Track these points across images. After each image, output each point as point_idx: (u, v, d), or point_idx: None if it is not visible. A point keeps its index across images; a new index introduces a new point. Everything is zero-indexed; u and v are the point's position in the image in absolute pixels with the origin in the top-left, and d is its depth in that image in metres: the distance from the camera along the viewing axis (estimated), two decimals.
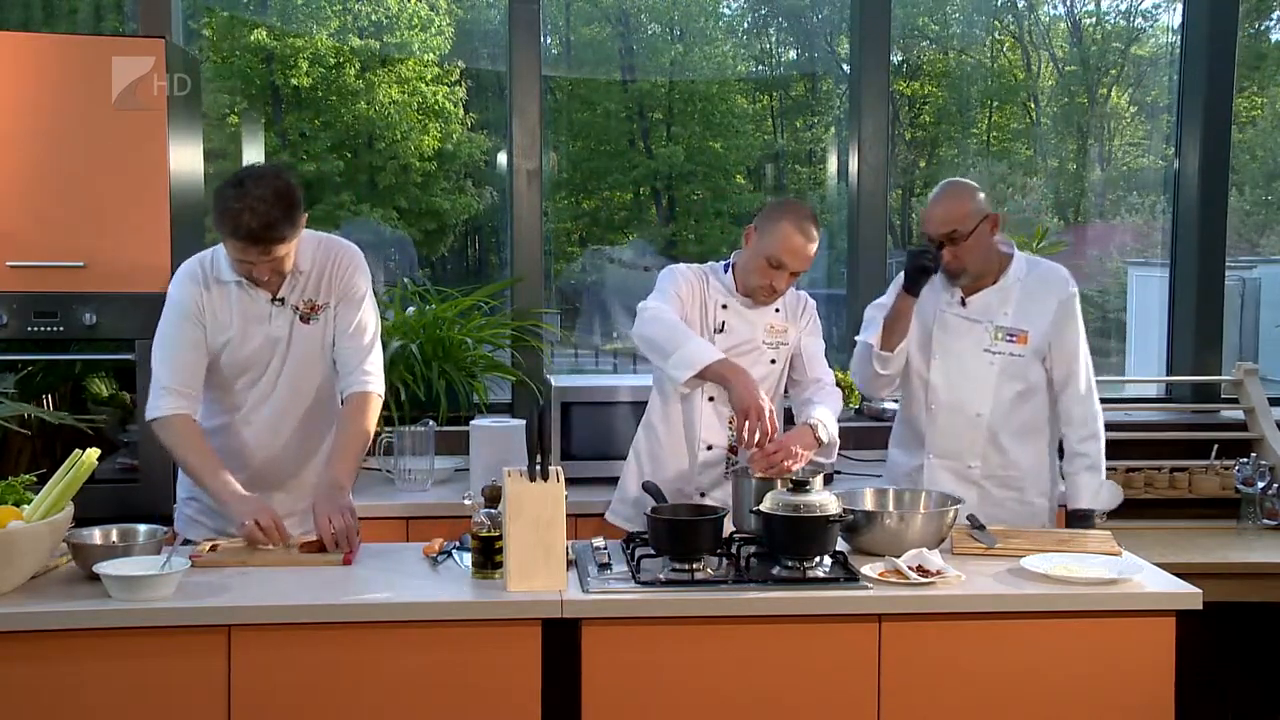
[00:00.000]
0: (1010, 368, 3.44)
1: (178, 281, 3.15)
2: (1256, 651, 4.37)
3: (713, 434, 3.36)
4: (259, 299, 3.15)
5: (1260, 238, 6.19)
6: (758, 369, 3.31)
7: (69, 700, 2.56)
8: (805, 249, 3.24)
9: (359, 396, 3.20)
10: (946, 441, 3.50)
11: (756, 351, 3.35)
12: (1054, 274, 3.49)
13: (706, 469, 3.37)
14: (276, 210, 2.93)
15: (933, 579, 2.78)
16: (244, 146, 5.55)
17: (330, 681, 2.63)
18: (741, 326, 3.36)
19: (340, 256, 3.23)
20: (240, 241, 2.95)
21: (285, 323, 3.18)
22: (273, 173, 2.99)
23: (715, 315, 3.36)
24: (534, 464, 2.76)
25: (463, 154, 6.31)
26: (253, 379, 3.20)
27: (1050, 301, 3.44)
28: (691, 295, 3.35)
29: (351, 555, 2.97)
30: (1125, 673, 2.77)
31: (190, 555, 2.90)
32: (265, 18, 6.02)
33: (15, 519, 2.61)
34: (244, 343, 3.15)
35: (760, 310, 3.37)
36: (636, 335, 3.25)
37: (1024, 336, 3.43)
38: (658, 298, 3.32)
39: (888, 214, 4.94)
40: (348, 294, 3.23)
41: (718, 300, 3.37)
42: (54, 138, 3.67)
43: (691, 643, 2.70)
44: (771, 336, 3.37)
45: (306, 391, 3.26)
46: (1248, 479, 4.26)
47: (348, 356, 3.23)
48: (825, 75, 6.41)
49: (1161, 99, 5.85)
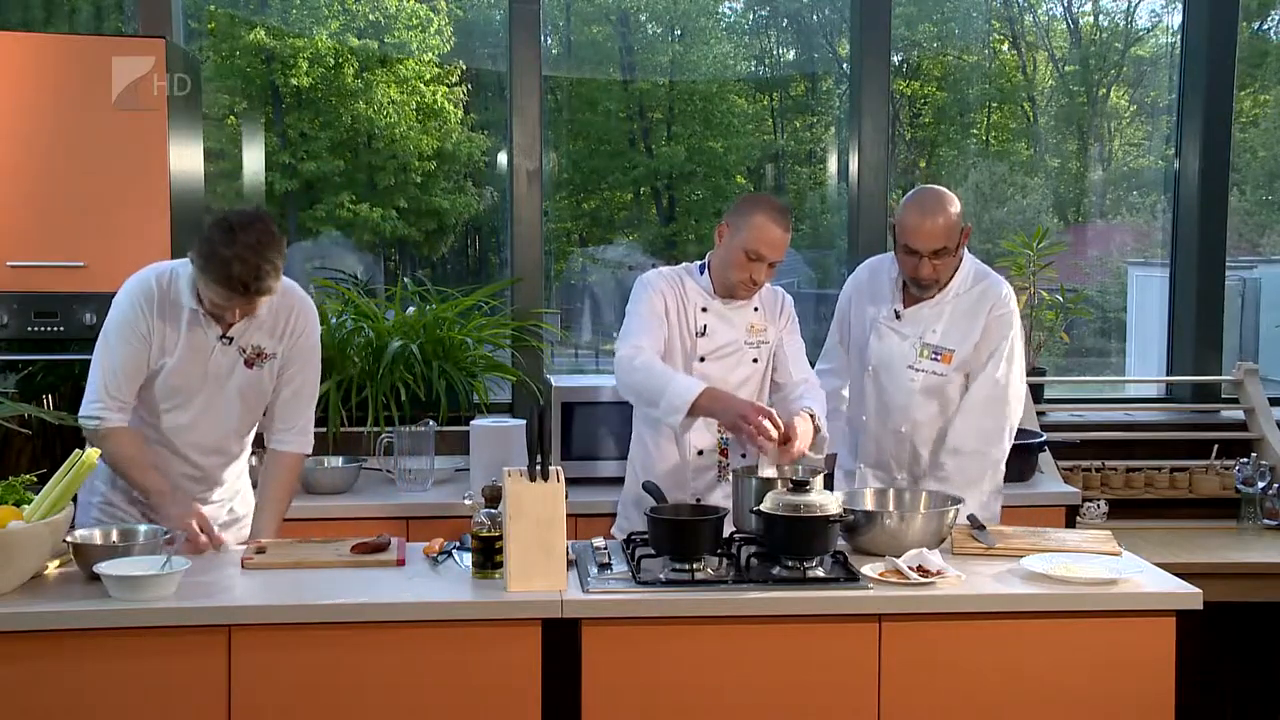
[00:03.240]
0: (931, 385, 3.42)
1: (130, 297, 3.07)
2: (1256, 651, 4.37)
3: (700, 438, 3.34)
4: (209, 333, 3.08)
5: (1261, 238, 6.19)
6: (741, 369, 3.32)
7: (69, 700, 2.56)
8: (782, 239, 3.23)
9: (295, 458, 3.26)
10: (875, 451, 3.50)
11: (740, 352, 3.33)
12: (990, 291, 3.42)
13: (700, 474, 3.35)
14: (266, 262, 2.89)
15: (933, 579, 2.78)
16: (244, 146, 5.55)
17: (330, 681, 2.63)
18: (723, 328, 3.34)
19: (297, 309, 3.19)
20: (226, 290, 2.90)
21: (228, 362, 3.13)
22: (260, 220, 2.93)
23: (695, 319, 3.33)
24: (534, 464, 2.76)
25: (463, 154, 6.31)
26: (178, 404, 3.13)
27: (980, 320, 3.39)
28: (668, 304, 3.32)
29: (404, 557, 2.97)
30: (1125, 673, 2.77)
31: (242, 558, 2.90)
32: (266, 17, 6.02)
33: (15, 519, 2.61)
34: (181, 370, 3.09)
35: (741, 310, 3.35)
36: (621, 389, 3.25)
37: (949, 356, 3.40)
38: (634, 331, 3.27)
39: (888, 214, 4.94)
40: (301, 350, 3.21)
41: (697, 304, 3.34)
42: (54, 138, 3.67)
43: (691, 643, 2.70)
44: (753, 336, 3.36)
45: (227, 427, 3.21)
46: (1248, 479, 4.27)
47: (290, 412, 3.23)
48: (825, 75, 6.41)
49: (1161, 99, 5.84)
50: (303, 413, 3.26)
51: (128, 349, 3.05)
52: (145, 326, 3.05)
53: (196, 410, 3.15)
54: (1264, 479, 4.26)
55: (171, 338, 3.07)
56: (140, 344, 3.05)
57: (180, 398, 3.13)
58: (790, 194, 6.35)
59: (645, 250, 6.38)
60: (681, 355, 3.31)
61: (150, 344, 3.06)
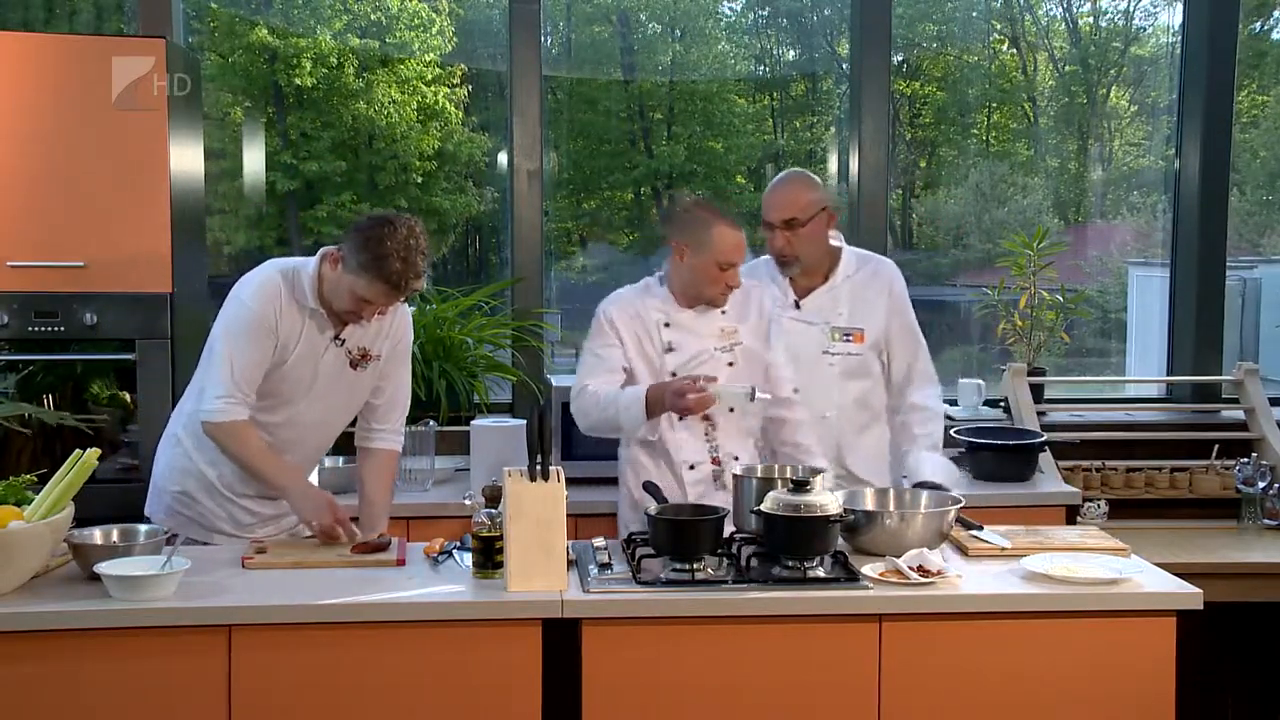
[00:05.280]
0: (850, 367, 3.50)
1: (260, 293, 3.11)
2: (1256, 651, 4.37)
3: (692, 452, 3.33)
4: (324, 333, 3.16)
5: (1261, 238, 6.19)
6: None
7: (69, 700, 2.56)
8: (743, 240, 3.27)
9: (393, 455, 3.40)
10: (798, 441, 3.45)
11: (712, 360, 3.32)
12: (883, 268, 3.56)
13: (695, 486, 3.33)
14: (424, 260, 3.03)
15: (933, 579, 2.78)
16: (245, 146, 5.55)
17: (330, 681, 2.63)
18: (689, 340, 3.32)
19: (401, 310, 3.29)
20: (387, 287, 3.00)
21: (337, 363, 3.20)
22: (411, 220, 3.06)
23: (659, 336, 3.32)
24: (534, 464, 2.76)
25: (463, 154, 6.30)
26: (283, 401, 3.18)
27: (881, 297, 3.51)
28: (622, 336, 3.32)
29: (404, 557, 2.97)
30: (1125, 673, 2.77)
31: (242, 558, 2.90)
32: (268, 17, 6.02)
33: (15, 519, 2.61)
34: (294, 368, 3.15)
35: (706, 316, 3.33)
36: (585, 430, 3.31)
37: (860, 335, 3.49)
38: (581, 373, 3.33)
39: (888, 214, 4.94)
40: (400, 353, 3.32)
41: (658, 320, 3.32)
42: (54, 138, 3.67)
43: (691, 643, 2.70)
44: (724, 340, 3.35)
45: (323, 425, 3.30)
46: (1248, 479, 4.27)
47: (388, 412, 3.34)
48: (825, 75, 6.41)
49: (1161, 99, 5.84)
50: (400, 413, 3.38)
51: (256, 345, 3.09)
52: (274, 323, 3.10)
53: (301, 409, 3.20)
54: (1264, 479, 4.26)
55: (292, 336, 3.13)
56: (268, 340, 3.10)
57: (288, 397, 3.18)
58: None
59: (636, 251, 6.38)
60: (652, 377, 3.30)
61: (276, 341, 3.11)
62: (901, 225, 6.40)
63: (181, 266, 3.79)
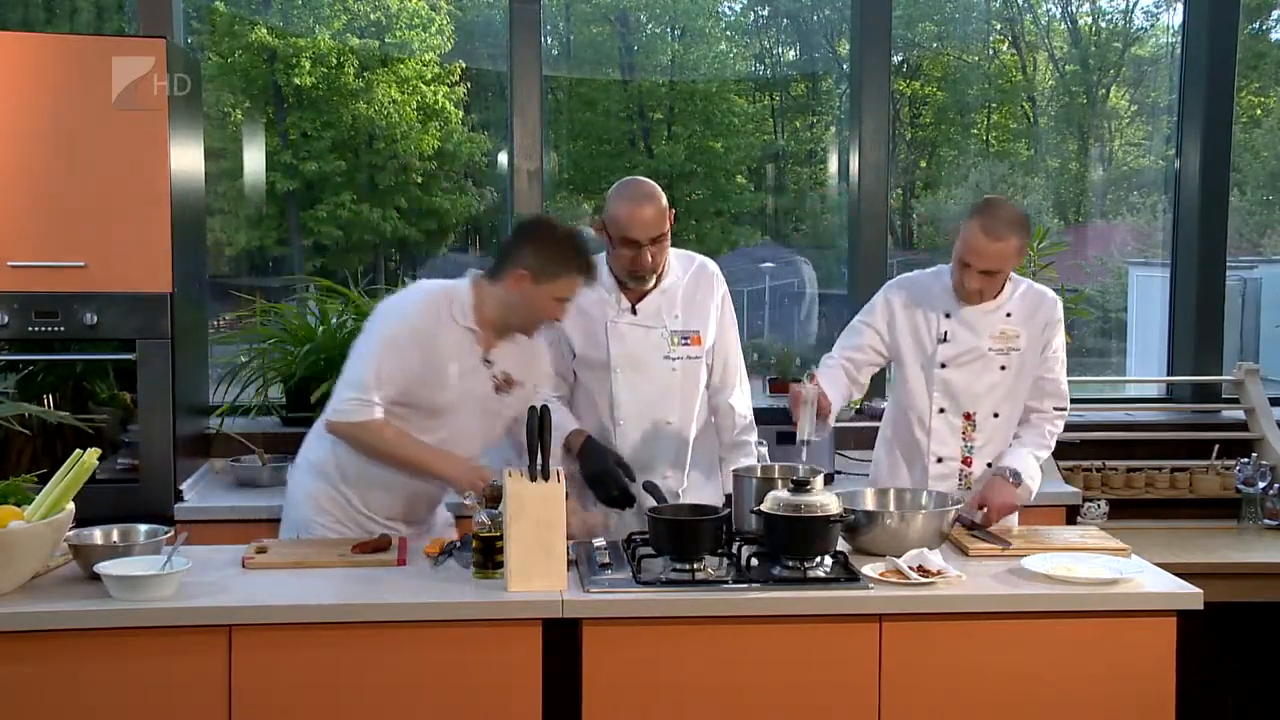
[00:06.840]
0: (691, 370, 3.41)
1: (421, 306, 3.11)
2: (1257, 651, 4.37)
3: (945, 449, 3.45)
4: (474, 353, 3.13)
5: (1261, 238, 6.19)
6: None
7: (69, 700, 2.56)
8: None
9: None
10: (638, 454, 3.38)
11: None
12: (705, 271, 3.47)
13: (939, 481, 3.40)
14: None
15: (933, 579, 2.78)
16: (245, 146, 5.56)
17: (330, 681, 2.63)
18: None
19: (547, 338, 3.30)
20: (586, 277, 3.08)
21: (483, 384, 3.16)
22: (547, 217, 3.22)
23: (937, 325, 3.39)
24: (534, 464, 2.76)
25: (463, 154, 6.31)
26: (424, 416, 3.13)
27: (710, 300, 3.44)
28: (903, 310, 3.40)
29: (404, 557, 2.97)
30: (1125, 673, 2.77)
31: (242, 558, 2.90)
32: (268, 17, 6.02)
33: (16, 519, 2.61)
34: (441, 386, 3.11)
35: (989, 317, 3.38)
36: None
37: (697, 337, 3.41)
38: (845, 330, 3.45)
39: (888, 214, 4.94)
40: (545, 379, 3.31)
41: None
42: (54, 138, 3.66)
43: (691, 643, 2.70)
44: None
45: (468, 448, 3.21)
46: (1248, 479, 4.26)
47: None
48: (825, 75, 6.42)
49: (1161, 99, 5.85)
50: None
51: (404, 352, 3.06)
52: (431, 334, 3.08)
53: (446, 429, 3.14)
54: (1264, 479, 4.26)
55: (443, 353, 3.09)
56: (420, 349, 3.07)
57: (427, 410, 3.12)
58: (790, 194, 6.35)
59: None
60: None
61: (426, 353, 3.07)
62: (902, 225, 6.41)
63: (181, 266, 3.78)
